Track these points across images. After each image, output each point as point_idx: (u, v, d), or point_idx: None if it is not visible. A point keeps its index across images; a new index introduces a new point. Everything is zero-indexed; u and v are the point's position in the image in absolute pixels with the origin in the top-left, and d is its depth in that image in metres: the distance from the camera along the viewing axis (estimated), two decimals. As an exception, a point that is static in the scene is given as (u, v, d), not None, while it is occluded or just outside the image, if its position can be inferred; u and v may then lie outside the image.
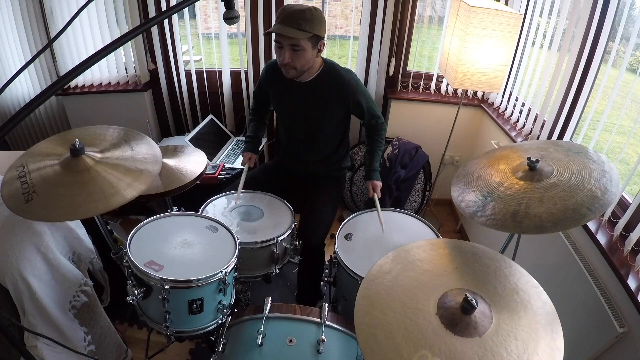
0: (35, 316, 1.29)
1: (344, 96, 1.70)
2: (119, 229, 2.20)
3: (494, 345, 0.80)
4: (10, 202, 1.09)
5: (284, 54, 1.55)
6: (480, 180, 1.27)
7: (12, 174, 1.17)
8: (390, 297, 0.91)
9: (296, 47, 1.53)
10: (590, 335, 1.37)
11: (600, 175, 1.13)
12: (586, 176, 1.14)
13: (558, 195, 1.10)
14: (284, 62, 1.56)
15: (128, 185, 1.17)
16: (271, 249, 1.52)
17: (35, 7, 2.39)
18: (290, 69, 1.59)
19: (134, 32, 0.68)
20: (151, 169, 1.24)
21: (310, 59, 1.59)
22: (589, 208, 1.05)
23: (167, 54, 2.63)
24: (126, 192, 1.14)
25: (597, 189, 1.09)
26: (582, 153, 1.24)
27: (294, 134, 1.86)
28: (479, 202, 1.19)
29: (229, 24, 0.88)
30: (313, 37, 1.54)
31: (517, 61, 2.40)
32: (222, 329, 1.28)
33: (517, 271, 0.99)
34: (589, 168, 1.16)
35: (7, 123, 0.61)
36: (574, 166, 1.18)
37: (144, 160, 1.27)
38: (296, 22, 1.48)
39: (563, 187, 1.12)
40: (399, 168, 2.56)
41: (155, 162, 1.27)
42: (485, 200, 1.18)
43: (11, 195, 1.10)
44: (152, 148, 1.33)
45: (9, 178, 1.16)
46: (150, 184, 1.20)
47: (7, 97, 2.65)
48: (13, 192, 1.11)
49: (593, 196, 1.07)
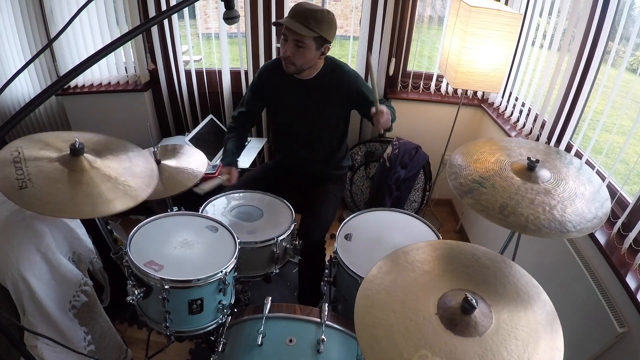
0: (35, 316, 1.29)
1: (345, 88, 1.70)
2: (119, 229, 2.20)
3: (494, 345, 0.80)
4: (2, 184, 1.07)
5: (287, 47, 1.56)
6: (478, 163, 1.28)
7: (5, 156, 1.14)
8: (390, 297, 0.91)
9: (300, 44, 1.54)
10: (590, 335, 1.37)
11: (593, 198, 1.16)
12: (579, 194, 1.16)
13: (549, 203, 1.12)
14: (285, 55, 1.58)
15: (118, 199, 1.17)
16: (271, 249, 1.52)
17: (35, 7, 2.39)
18: (290, 64, 1.60)
19: (134, 32, 0.68)
20: (145, 186, 1.25)
21: (311, 59, 1.60)
22: (574, 226, 1.07)
23: (167, 54, 2.63)
24: (115, 205, 1.15)
25: (588, 211, 1.11)
26: (582, 171, 1.27)
27: (295, 132, 1.86)
28: (473, 186, 1.20)
29: (229, 24, 0.88)
30: (318, 38, 1.54)
31: (517, 61, 2.40)
32: (222, 329, 1.28)
33: (517, 271, 0.99)
34: (584, 188, 1.19)
35: (7, 123, 0.61)
36: (570, 181, 1.20)
37: (140, 175, 1.28)
38: (305, 19, 1.50)
39: (555, 197, 1.15)
40: (399, 168, 2.56)
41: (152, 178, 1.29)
42: (479, 186, 1.20)
43: (4, 178, 1.08)
44: (150, 163, 1.35)
45: (2, 159, 1.13)
46: (140, 202, 1.20)
47: (7, 97, 2.64)
48: (6, 175, 1.09)
49: (581, 216, 1.10)
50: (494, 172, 1.24)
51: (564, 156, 1.34)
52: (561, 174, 1.23)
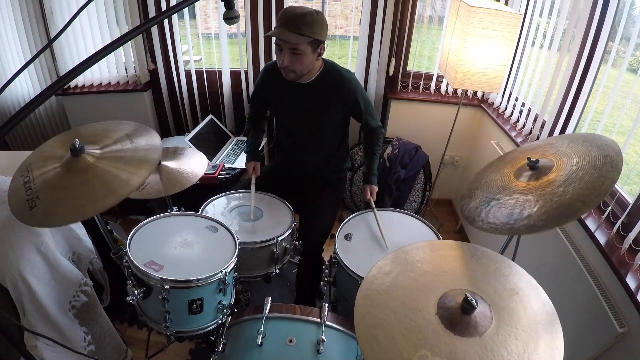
0: (35, 316, 1.29)
1: (344, 95, 1.69)
2: (119, 229, 2.20)
3: (494, 345, 0.80)
4: (15, 209, 1.07)
5: (284, 58, 1.54)
6: (485, 187, 1.25)
7: (18, 180, 1.15)
8: (390, 297, 0.91)
9: (296, 51, 1.52)
10: (590, 335, 1.37)
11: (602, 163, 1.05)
12: (586, 166, 1.07)
13: (554, 191, 1.06)
14: (283, 66, 1.56)
15: (132, 174, 1.13)
16: (271, 249, 1.52)
17: (35, 7, 2.39)
18: (290, 72, 1.59)
19: (134, 32, 0.68)
20: (152, 156, 1.21)
21: (310, 62, 1.59)
22: (583, 202, 0.98)
23: (167, 54, 2.63)
24: (132, 180, 1.11)
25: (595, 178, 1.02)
26: (587, 141, 1.17)
27: (294, 135, 1.86)
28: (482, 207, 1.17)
29: (229, 24, 0.88)
30: (313, 42, 1.53)
31: (517, 61, 2.40)
32: (222, 329, 1.28)
33: (517, 271, 0.99)
34: (589, 156, 1.10)
35: (7, 123, 0.61)
36: (575, 157, 1.12)
37: (145, 149, 1.24)
38: (296, 26, 1.47)
39: (560, 182, 1.07)
40: (399, 168, 2.56)
41: (157, 149, 1.24)
42: (486, 205, 1.16)
43: (16, 203, 1.09)
44: (152, 138, 1.29)
45: (15, 186, 1.14)
46: (154, 169, 1.17)
47: (7, 97, 2.65)
48: (18, 199, 1.09)
49: (589, 188, 1.01)
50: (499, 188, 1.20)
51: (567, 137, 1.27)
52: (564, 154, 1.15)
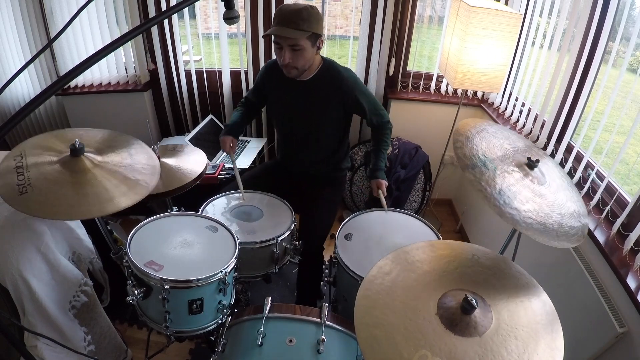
0: (35, 316, 1.29)
1: (342, 94, 1.69)
2: (119, 229, 2.20)
3: (494, 345, 0.80)
4: (3, 191, 1.08)
5: (284, 55, 1.55)
6: (483, 142, 1.25)
7: (10, 163, 1.16)
8: (390, 297, 0.91)
9: (296, 47, 1.53)
10: (590, 335, 1.37)
11: (576, 216, 1.16)
12: (564, 206, 1.16)
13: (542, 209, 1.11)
14: (284, 63, 1.57)
15: (123, 194, 1.16)
16: (271, 249, 1.52)
17: (35, 7, 2.39)
18: (292, 68, 1.60)
19: (134, 32, 0.68)
20: (148, 181, 1.25)
21: (310, 57, 1.60)
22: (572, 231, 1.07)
23: (167, 54, 2.63)
24: (120, 201, 1.15)
25: (567, 226, 1.11)
26: (572, 188, 1.27)
27: (294, 134, 1.85)
28: (477, 163, 1.18)
29: (229, 24, 0.88)
30: (312, 36, 1.54)
31: (517, 61, 2.40)
32: (222, 329, 1.28)
33: (517, 271, 0.99)
34: (570, 202, 1.20)
35: (7, 123, 0.61)
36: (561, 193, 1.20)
37: (142, 170, 1.28)
38: (293, 22, 1.48)
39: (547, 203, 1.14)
40: (399, 168, 2.56)
41: (153, 174, 1.28)
42: (483, 165, 1.17)
43: (5, 185, 1.09)
44: (152, 159, 1.34)
45: (6, 167, 1.14)
46: (144, 196, 1.20)
47: (7, 97, 2.64)
48: (7, 182, 1.10)
49: (565, 233, 1.09)
50: (497, 157, 1.21)
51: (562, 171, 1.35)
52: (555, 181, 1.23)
